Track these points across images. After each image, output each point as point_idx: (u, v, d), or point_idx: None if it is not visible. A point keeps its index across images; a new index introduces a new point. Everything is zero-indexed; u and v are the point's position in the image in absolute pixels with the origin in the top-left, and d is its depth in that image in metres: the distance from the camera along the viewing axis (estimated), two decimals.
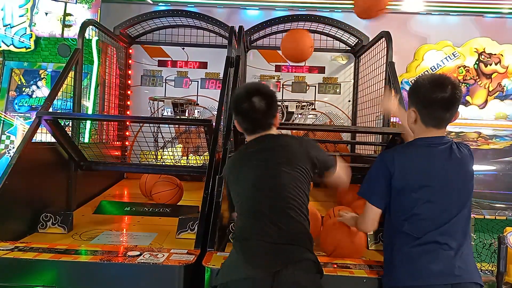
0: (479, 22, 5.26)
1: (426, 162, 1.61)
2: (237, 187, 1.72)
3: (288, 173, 1.64)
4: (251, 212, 1.64)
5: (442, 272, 1.53)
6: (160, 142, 3.68)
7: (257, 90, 1.72)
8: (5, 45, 4.63)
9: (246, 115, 1.72)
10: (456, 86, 1.60)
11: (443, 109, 1.61)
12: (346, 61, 4.40)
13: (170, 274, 1.77)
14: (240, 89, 1.78)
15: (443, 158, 1.62)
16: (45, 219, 2.51)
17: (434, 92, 1.59)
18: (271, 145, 1.72)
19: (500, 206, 3.60)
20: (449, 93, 1.58)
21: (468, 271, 1.55)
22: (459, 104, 1.63)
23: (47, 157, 2.77)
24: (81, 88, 3.15)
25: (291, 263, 1.51)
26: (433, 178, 1.59)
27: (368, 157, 3.27)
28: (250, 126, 1.76)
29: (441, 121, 1.64)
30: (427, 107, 1.63)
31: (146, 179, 3.34)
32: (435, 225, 1.57)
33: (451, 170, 1.61)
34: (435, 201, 1.58)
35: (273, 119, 1.76)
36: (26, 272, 1.80)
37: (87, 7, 4.91)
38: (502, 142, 4.51)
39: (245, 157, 1.76)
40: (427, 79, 1.65)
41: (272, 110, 1.74)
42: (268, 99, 1.71)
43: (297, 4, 5.21)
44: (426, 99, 1.62)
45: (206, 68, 4.41)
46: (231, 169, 1.79)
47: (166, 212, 2.97)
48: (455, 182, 1.61)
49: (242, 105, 1.71)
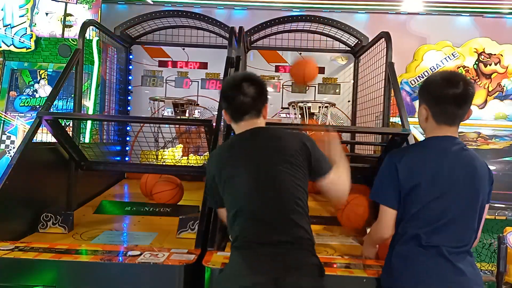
0: (479, 22, 5.27)
1: (435, 163, 1.57)
2: (231, 188, 1.61)
3: (286, 172, 1.56)
4: (251, 216, 1.56)
5: (441, 278, 1.51)
6: (160, 142, 3.68)
7: (247, 76, 1.68)
8: (5, 45, 4.64)
9: (233, 99, 1.64)
10: (468, 82, 1.58)
11: (456, 105, 1.58)
12: (345, 61, 4.41)
13: (170, 273, 1.77)
14: (228, 77, 1.74)
15: (453, 161, 1.57)
16: (46, 219, 2.52)
17: (446, 88, 1.57)
18: (265, 141, 1.64)
19: (500, 206, 3.59)
20: (461, 89, 1.55)
21: (468, 279, 1.52)
22: (471, 101, 1.60)
23: (47, 157, 2.77)
24: (81, 88, 3.15)
25: (294, 268, 1.47)
26: (440, 181, 1.55)
27: (368, 157, 3.27)
28: (236, 111, 1.67)
29: (453, 118, 1.61)
30: (439, 103, 1.59)
31: (146, 179, 3.34)
32: (438, 228, 1.54)
33: (460, 173, 1.56)
34: (440, 203, 1.54)
35: (262, 106, 1.69)
36: (26, 272, 1.80)
37: (88, 7, 4.92)
38: (502, 142, 4.51)
39: (237, 153, 1.65)
40: (439, 75, 1.63)
41: (262, 96, 1.67)
42: (257, 85, 1.66)
43: (297, 4, 5.22)
44: (438, 95, 1.59)
45: (207, 68, 4.41)
46: (219, 167, 1.66)
47: (167, 212, 2.98)
48: (462, 186, 1.56)
49: (230, 91, 1.65)
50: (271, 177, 1.58)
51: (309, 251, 1.56)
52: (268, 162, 1.59)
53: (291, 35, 4.43)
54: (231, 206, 1.62)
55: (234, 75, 1.74)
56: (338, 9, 5.19)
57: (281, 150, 1.61)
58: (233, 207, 1.61)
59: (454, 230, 1.54)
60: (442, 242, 1.53)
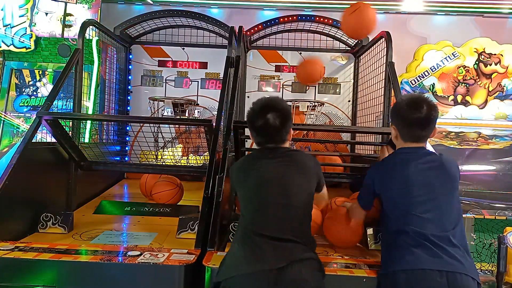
0: (479, 22, 5.26)
1: (403, 166, 1.78)
2: (244, 189, 1.76)
3: (296, 175, 1.71)
4: (257, 209, 1.68)
5: (435, 260, 1.59)
6: (160, 142, 3.68)
7: (272, 106, 1.76)
8: (5, 45, 4.64)
9: (260, 130, 1.78)
10: (432, 106, 1.79)
11: (420, 128, 1.80)
12: (346, 61, 4.40)
13: (170, 274, 1.78)
14: (255, 104, 1.82)
15: (419, 161, 1.77)
16: (46, 219, 2.52)
17: (411, 113, 1.79)
18: (283, 154, 1.78)
19: (500, 206, 3.59)
20: (424, 114, 1.76)
21: (461, 263, 1.59)
22: (434, 123, 1.81)
23: (47, 157, 2.77)
24: (81, 88, 3.15)
25: (296, 260, 1.54)
26: (411, 180, 1.74)
27: (368, 157, 3.27)
28: (263, 141, 1.81)
29: (418, 138, 1.83)
30: (405, 126, 1.84)
31: (146, 179, 3.34)
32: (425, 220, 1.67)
33: (427, 167, 1.76)
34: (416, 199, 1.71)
35: (286, 135, 1.81)
36: (26, 272, 1.80)
37: (87, 7, 4.92)
38: (502, 142, 4.51)
39: (255, 160, 1.81)
40: (405, 100, 1.86)
41: (286, 126, 1.79)
42: (283, 115, 1.76)
43: (297, 4, 5.22)
44: (404, 119, 1.83)
45: (206, 68, 4.41)
46: (240, 171, 1.83)
47: (166, 212, 2.97)
48: (434, 182, 1.73)
49: (257, 121, 1.76)
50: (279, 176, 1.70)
51: (310, 247, 1.66)
52: (279, 167, 1.73)
53: (291, 34, 4.43)
54: (241, 204, 1.77)
55: (260, 103, 1.80)
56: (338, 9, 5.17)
57: (293, 163, 1.76)
58: (242, 204, 1.75)
59: (436, 218, 1.68)
60: (429, 230, 1.65)
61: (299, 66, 3.70)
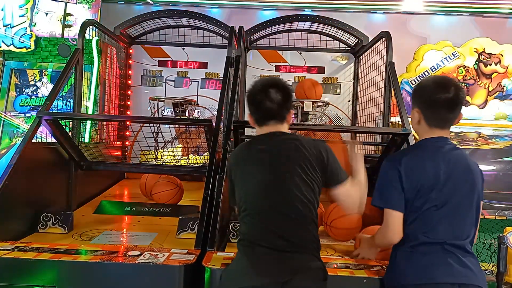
0: (479, 22, 5.26)
1: (433, 162, 1.61)
2: (243, 186, 1.68)
3: (296, 177, 1.59)
4: (258, 217, 1.60)
5: (447, 271, 1.53)
6: (160, 142, 3.68)
7: (275, 83, 1.71)
8: (5, 45, 4.63)
9: (259, 104, 1.68)
10: (459, 87, 1.64)
11: (447, 109, 1.63)
12: (346, 61, 4.40)
13: (170, 274, 1.77)
14: (257, 81, 1.76)
15: (448, 158, 1.62)
16: (45, 219, 2.52)
17: (438, 93, 1.62)
18: (282, 144, 1.67)
19: (500, 206, 3.59)
20: (452, 94, 1.60)
21: (474, 274, 1.55)
22: (461, 106, 1.65)
23: (47, 157, 2.77)
24: (81, 88, 3.15)
25: (300, 272, 1.50)
26: (440, 180, 1.58)
27: (368, 157, 3.27)
28: (262, 116, 1.71)
29: (445, 121, 1.66)
30: (431, 107, 1.65)
31: (146, 179, 3.34)
32: (440, 224, 1.57)
33: (455, 169, 1.61)
34: (442, 202, 1.58)
35: (286, 113, 1.72)
36: (26, 272, 1.80)
37: (87, 7, 4.92)
38: (502, 142, 4.51)
39: (253, 154, 1.70)
40: (431, 80, 1.69)
41: (287, 103, 1.70)
42: (285, 92, 1.69)
43: (297, 4, 5.22)
44: (430, 99, 1.65)
45: (206, 68, 4.41)
46: (236, 164, 1.74)
47: (166, 212, 2.98)
48: (459, 181, 1.60)
49: (257, 95, 1.68)
50: (281, 180, 1.61)
51: (314, 255, 1.59)
52: (280, 166, 1.63)
53: (291, 34, 4.43)
54: (240, 204, 1.69)
55: (262, 80, 1.76)
56: (339, 9, 5.18)
57: (294, 155, 1.64)
58: (242, 205, 1.67)
59: (454, 225, 1.58)
60: (444, 238, 1.56)
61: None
